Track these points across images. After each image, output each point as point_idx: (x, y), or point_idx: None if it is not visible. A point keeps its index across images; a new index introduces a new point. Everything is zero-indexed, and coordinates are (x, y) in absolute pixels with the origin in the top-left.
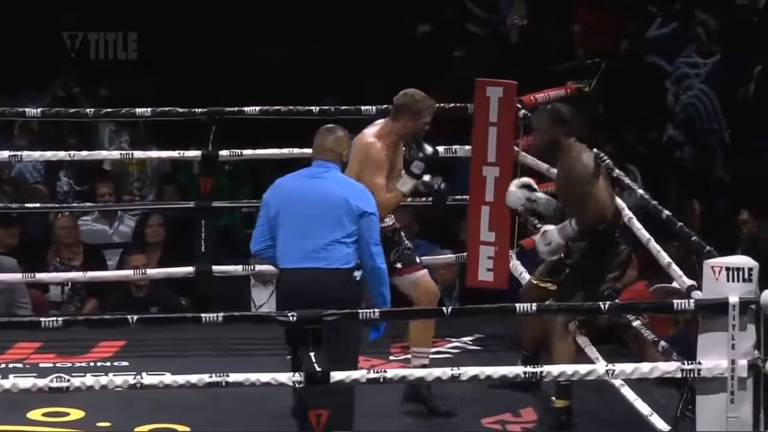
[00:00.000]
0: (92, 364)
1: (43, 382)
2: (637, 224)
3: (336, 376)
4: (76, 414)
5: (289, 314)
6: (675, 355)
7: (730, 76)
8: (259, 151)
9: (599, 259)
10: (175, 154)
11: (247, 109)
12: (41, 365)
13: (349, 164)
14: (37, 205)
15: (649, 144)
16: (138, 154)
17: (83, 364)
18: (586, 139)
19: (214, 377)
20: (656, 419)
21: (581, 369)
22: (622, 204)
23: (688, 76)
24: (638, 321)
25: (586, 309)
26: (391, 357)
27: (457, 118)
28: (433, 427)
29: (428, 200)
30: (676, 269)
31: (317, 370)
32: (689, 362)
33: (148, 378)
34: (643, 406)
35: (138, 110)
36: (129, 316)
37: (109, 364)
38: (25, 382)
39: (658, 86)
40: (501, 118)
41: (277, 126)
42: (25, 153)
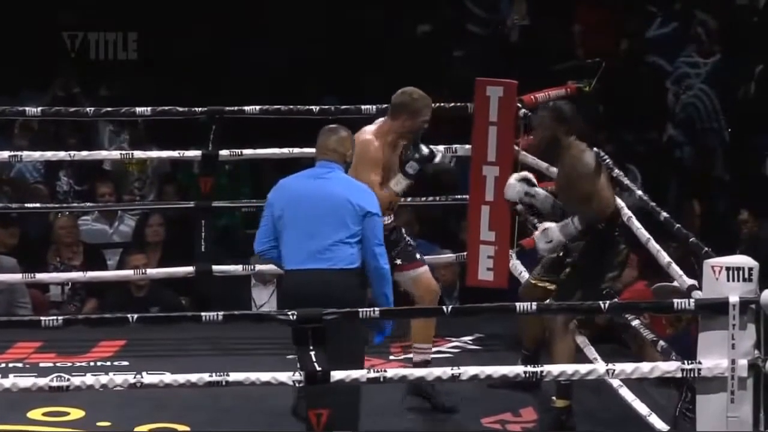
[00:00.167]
0: (92, 363)
1: (43, 381)
2: (637, 224)
3: (336, 375)
4: (76, 413)
5: (289, 313)
6: (674, 354)
7: (730, 75)
8: (259, 151)
9: (599, 259)
10: (175, 153)
11: (247, 108)
12: (41, 365)
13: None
14: (37, 205)
15: (649, 144)
16: (138, 154)
17: (83, 363)
18: (586, 138)
19: (214, 376)
20: (655, 419)
21: (581, 369)
22: (622, 203)
23: (689, 75)
24: (637, 321)
25: (586, 308)
26: (392, 357)
27: (457, 117)
28: (433, 426)
29: (428, 199)
30: (676, 269)
31: (317, 369)
32: (689, 362)
33: (148, 377)
34: (642, 407)
35: (138, 110)
36: (129, 316)
37: (109, 363)
38: (25, 382)
39: (658, 86)
40: (501, 117)
41: (277, 126)
42: (25, 153)
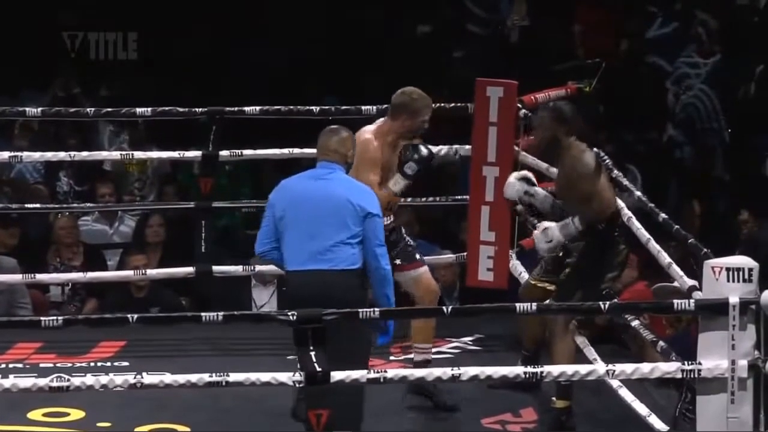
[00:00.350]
0: (92, 364)
1: (43, 381)
2: (637, 224)
3: (336, 376)
4: (76, 414)
5: (289, 313)
6: (674, 355)
7: (731, 76)
8: (260, 152)
9: (599, 259)
10: (175, 154)
11: (248, 109)
12: (41, 365)
13: None
14: (38, 205)
15: (649, 144)
16: (138, 154)
17: (83, 364)
18: (586, 138)
19: (214, 377)
20: (654, 419)
21: (582, 369)
22: (621, 204)
23: (689, 76)
24: (637, 321)
25: (586, 309)
26: (392, 357)
27: (457, 117)
28: (433, 426)
29: (428, 200)
30: (676, 269)
31: (318, 370)
32: (689, 363)
33: (148, 378)
34: (641, 407)
35: (138, 110)
36: (129, 316)
37: (109, 364)
38: (25, 382)
39: (659, 86)
40: (501, 117)
41: (277, 126)
42: (25, 154)
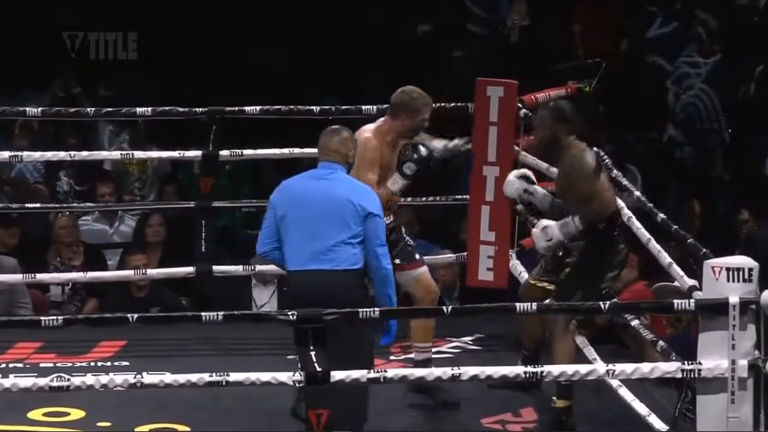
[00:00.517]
0: (93, 363)
1: (43, 381)
2: (637, 224)
3: (336, 375)
4: (76, 414)
5: (289, 313)
6: (674, 355)
7: (731, 75)
8: (260, 151)
9: (599, 259)
10: (175, 154)
11: (248, 108)
12: (42, 365)
13: None
14: (38, 205)
15: (649, 144)
16: (138, 154)
17: (84, 363)
18: (586, 138)
19: (214, 377)
20: (654, 419)
21: (582, 369)
22: (621, 203)
23: (689, 75)
24: (636, 321)
25: (586, 309)
26: (392, 357)
27: (457, 117)
28: (433, 426)
29: (428, 199)
30: (677, 269)
31: (318, 370)
32: (689, 362)
33: (148, 377)
34: (641, 407)
35: (138, 110)
36: (129, 316)
37: (109, 363)
38: (25, 382)
39: (659, 86)
40: (501, 117)
41: (277, 126)
42: (25, 153)
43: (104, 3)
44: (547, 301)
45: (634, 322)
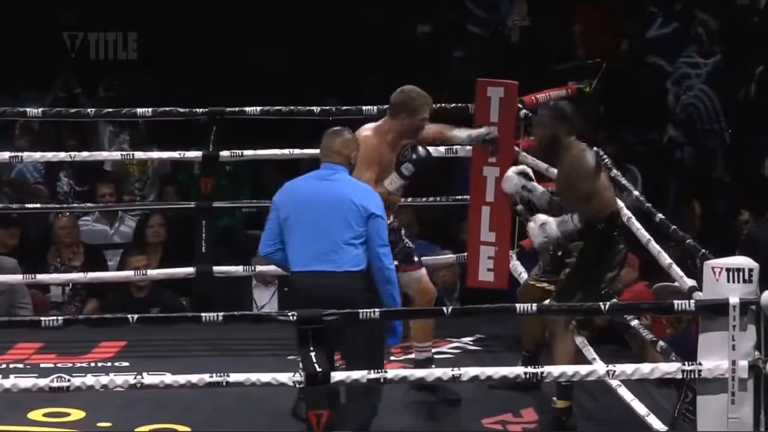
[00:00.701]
0: (93, 364)
1: (43, 382)
2: (637, 224)
3: (336, 376)
4: (76, 414)
5: (289, 314)
6: (674, 355)
7: (731, 76)
8: (260, 152)
9: (598, 259)
10: (175, 154)
11: (248, 109)
12: (42, 365)
13: None
14: (38, 205)
15: (649, 144)
16: (139, 154)
17: (84, 364)
18: (586, 138)
19: (214, 377)
20: (653, 419)
21: (582, 370)
22: (621, 203)
23: (689, 76)
24: (636, 321)
25: (587, 309)
26: (392, 357)
27: (457, 118)
28: (433, 426)
29: (429, 200)
30: (677, 270)
31: (318, 370)
32: (690, 363)
33: (148, 378)
34: (640, 407)
35: (139, 110)
36: (129, 316)
37: (109, 364)
38: (25, 382)
39: (659, 86)
40: (502, 118)
41: (277, 126)
42: (25, 154)
43: (104, 3)
44: (546, 301)
45: (634, 323)
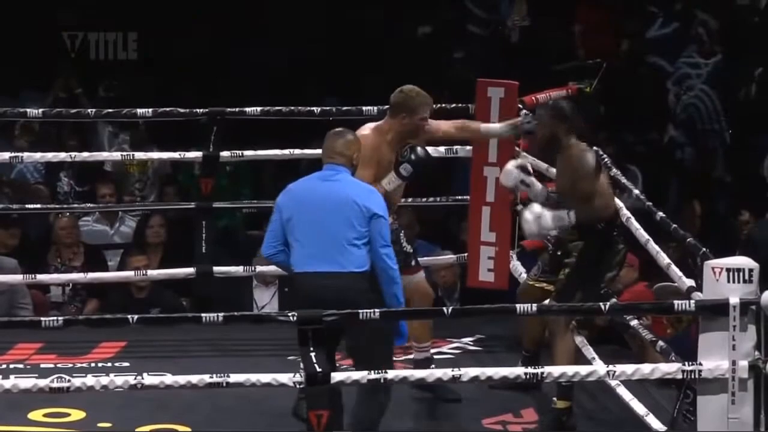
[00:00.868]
0: (93, 364)
1: (44, 382)
2: (636, 224)
3: (336, 376)
4: (77, 414)
5: (289, 314)
6: (674, 355)
7: (732, 76)
8: (260, 152)
9: (598, 259)
10: (176, 155)
11: (249, 110)
12: (42, 366)
13: None
14: (38, 205)
15: (649, 144)
16: (139, 155)
17: (84, 364)
18: (586, 138)
19: (214, 378)
20: (652, 419)
21: (582, 370)
22: (620, 203)
23: (689, 76)
24: (635, 321)
25: (587, 309)
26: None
27: (458, 118)
28: (433, 427)
29: (429, 200)
30: (675, 270)
31: (318, 371)
32: (690, 363)
33: (148, 378)
34: (639, 407)
35: (139, 111)
36: (129, 317)
37: (110, 364)
38: (26, 383)
39: (659, 87)
40: (502, 118)
41: (277, 127)
42: (26, 154)
43: (104, 3)
44: (546, 301)
45: (634, 323)
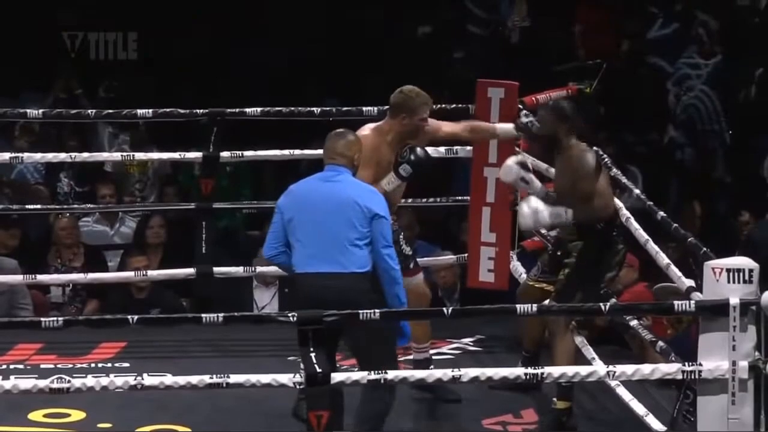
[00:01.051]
0: (93, 365)
1: (44, 383)
2: (635, 224)
3: (336, 377)
4: (77, 415)
5: (289, 315)
6: (674, 356)
7: (732, 77)
8: (260, 153)
9: (597, 259)
10: (176, 155)
11: (249, 110)
12: (42, 366)
13: None
14: (38, 206)
15: (650, 145)
16: (139, 155)
17: (84, 365)
18: (586, 139)
19: (214, 378)
20: (652, 420)
21: (582, 370)
22: (620, 204)
23: (689, 77)
24: (635, 321)
25: (587, 310)
26: None
27: (458, 118)
28: (433, 427)
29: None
30: (675, 270)
31: (318, 371)
32: (690, 363)
33: (148, 379)
34: (639, 407)
35: (139, 111)
36: (130, 317)
37: (110, 365)
38: (26, 383)
39: (659, 87)
40: (502, 118)
41: (278, 127)
42: (26, 154)
43: (104, 3)
44: (546, 302)
45: (634, 323)
